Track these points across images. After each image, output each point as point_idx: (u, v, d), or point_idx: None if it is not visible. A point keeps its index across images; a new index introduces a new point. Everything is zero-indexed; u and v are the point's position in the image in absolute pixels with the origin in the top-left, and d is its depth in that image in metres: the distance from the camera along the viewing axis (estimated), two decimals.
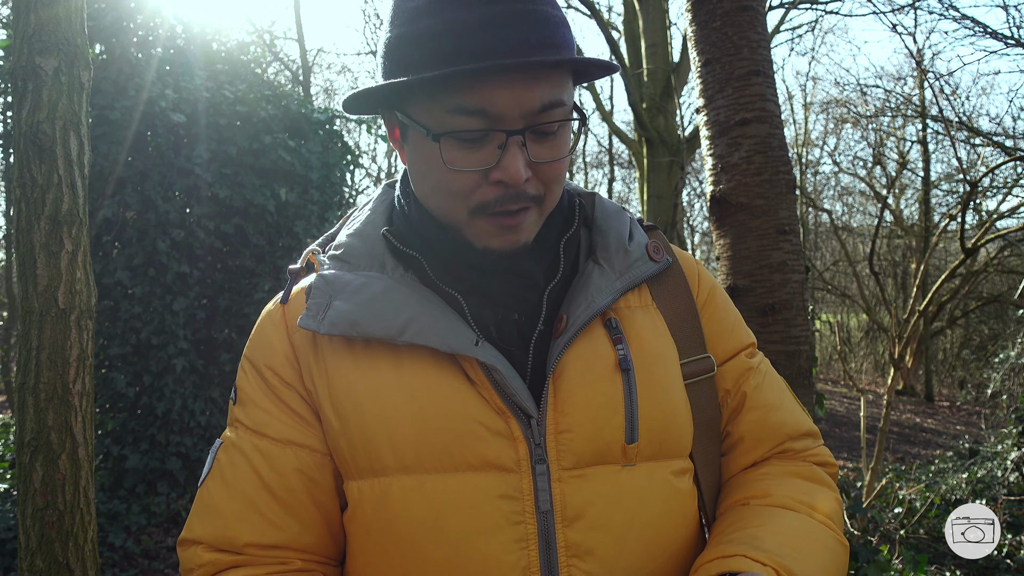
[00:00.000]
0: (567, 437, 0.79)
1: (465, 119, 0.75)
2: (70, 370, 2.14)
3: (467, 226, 0.80)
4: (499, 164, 0.76)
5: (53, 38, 2.13)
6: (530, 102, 0.74)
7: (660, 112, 8.01)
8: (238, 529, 0.81)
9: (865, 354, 15.35)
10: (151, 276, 4.46)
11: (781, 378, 1.00)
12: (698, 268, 0.97)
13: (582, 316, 0.81)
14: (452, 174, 0.77)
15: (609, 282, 0.85)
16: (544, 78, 0.75)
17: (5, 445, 5.50)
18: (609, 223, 0.91)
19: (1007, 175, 8.73)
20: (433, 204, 0.83)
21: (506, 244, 0.80)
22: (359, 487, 0.81)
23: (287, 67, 13.77)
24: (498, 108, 0.74)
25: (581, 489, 0.78)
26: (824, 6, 10.61)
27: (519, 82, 0.74)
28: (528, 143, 0.76)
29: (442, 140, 0.76)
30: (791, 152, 10.05)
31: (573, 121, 0.80)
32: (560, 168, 0.80)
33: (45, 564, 2.09)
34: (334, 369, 0.82)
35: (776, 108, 2.05)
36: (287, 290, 0.89)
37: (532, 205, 0.80)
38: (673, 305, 0.91)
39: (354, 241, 0.88)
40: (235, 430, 0.86)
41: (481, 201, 0.78)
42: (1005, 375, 6.17)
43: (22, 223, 2.13)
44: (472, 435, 0.78)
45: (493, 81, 0.73)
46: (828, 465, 0.95)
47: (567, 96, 0.78)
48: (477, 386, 0.79)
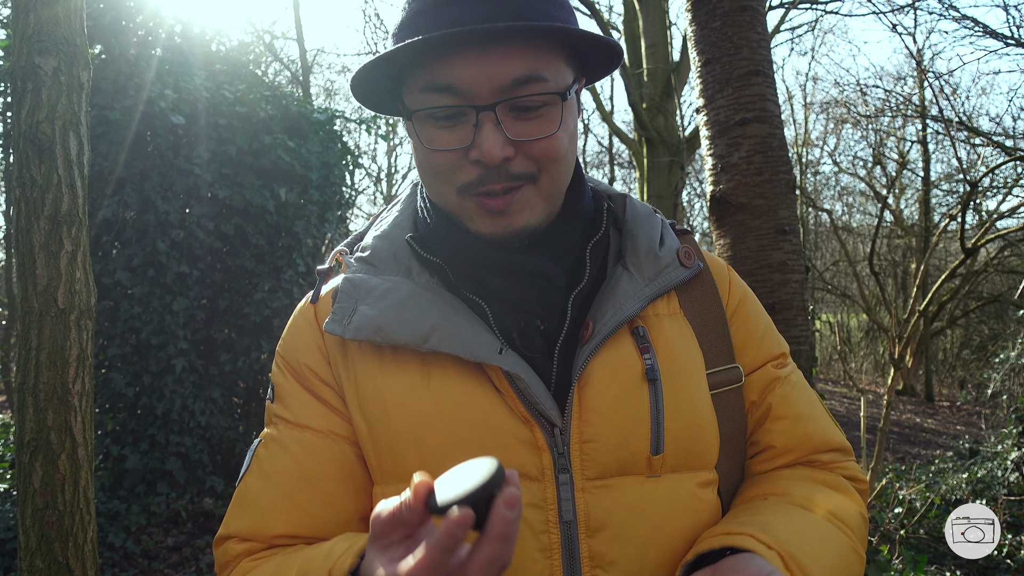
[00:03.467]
0: (591, 447, 0.78)
1: (436, 96, 0.75)
2: (70, 370, 2.14)
3: (458, 208, 0.80)
4: (474, 142, 0.75)
5: (52, 38, 2.13)
6: (500, 76, 0.73)
7: (660, 112, 8.01)
8: (272, 519, 0.80)
9: (865, 354, 15.34)
10: (151, 276, 4.46)
11: (813, 391, 0.97)
12: (730, 275, 0.94)
13: (609, 324, 0.80)
14: (433, 154, 0.77)
15: (638, 288, 0.82)
16: (517, 52, 0.73)
17: (5, 445, 5.50)
18: (639, 227, 0.88)
19: (1007, 175, 8.73)
20: (429, 190, 0.82)
21: (497, 228, 0.79)
22: (383, 492, 0.81)
23: (287, 67, 13.77)
24: (466, 83, 0.73)
25: (604, 499, 0.77)
26: (824, 6, 10.62)
27: (487, 55, 0.72)
28: (506, 120, 0.75)
29: (415, 118, 0.77)
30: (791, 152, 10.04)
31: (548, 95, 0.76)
32: (552, 146, 0.77)
33: (45, 564, 2.09)
34: (362, 373, 0.82)
35: (776, 108, 2.05)
36: (316, 290, 0.89)
37: (524, 184, 0.77)
38: (702, 314, 0.89)
39: (380, 244, 0.87)
40: (275, 426, 0.85)
41: (464, 181, 0.77)
42: (1005, 375, 6.17)
43: (22, 223, 2.13)
44: (498, 443, 0.77)
45: (459, 54, 0.72)
46: (857, 480, 0.92)
47: (550, 72, 0.75)
48: (503, 394, 0.78)
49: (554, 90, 0.76)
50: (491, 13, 0.73)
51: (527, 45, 0.74)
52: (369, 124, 6.03)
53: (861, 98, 12.37)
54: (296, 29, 11.62)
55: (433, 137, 0.77)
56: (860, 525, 0.86)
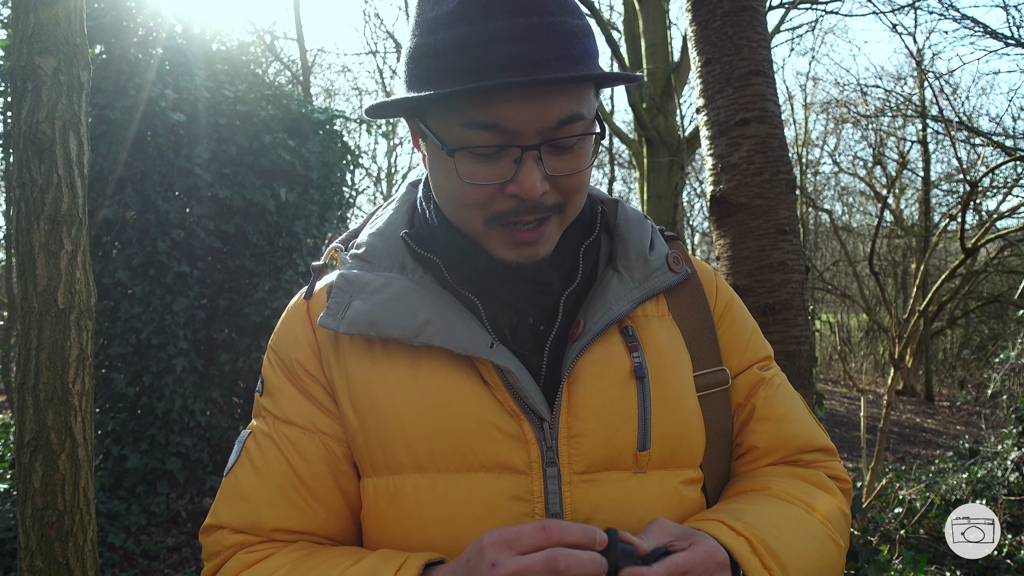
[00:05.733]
0: (579, 441, 0.79)
1: (479, 134, 0.74)
2: (70, 370, 2.14)
3: (483, 236, 0.81)
4: (515, 178, 0.75)
5: (52, 38, 2.13)
6: (547, 118, 0.74)
7: (660, 112, 8.01)
8: (267, 515, 0.82)
9: (865, 354, 15.34)
10: (151, 276, 4.46)
11: (797, 393, 0.99)
12: (716, 280, 0.97)
13: (599, 322, 0.82)
14: (467, 187, 0.77)
15: (628, 290, 0.85)
16: (562, 93, 0.74)
17: (5, 445, 5.50)
18: (631, 231, 0.90)
19: (1007, 175, 8.73)
20: (450, 213, 0.83)
21: (523, 258, 0.81)
22: (374, 484, 0.82)
23: (287, 67, 13.77)
24: (513, 124, 0.73)
25: (591, 493, 0.79)
26: (824, 6, 10.62)
27: (535, 97, 0.73)
28: (545, 156, 0.76)
29: (457, 155, 0.76)
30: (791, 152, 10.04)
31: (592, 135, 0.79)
32: (580, 180, 0.79)
33: (45, 564, 2.09)
34: (353, 367, 0.83)
35: (776, 108, 2.05)
36: (311, 286, 0.91)
37: (551, 215, 0.79)
38: (690, 317, 0.91)
39: (375, 241, 0.89)
40: (263, 419, 0.87)
41: (496, 211, 0.78)
42: (1005, 375, 6.17)
43: (22, 223, 2.13)
44: (485, 436, 0.78)
45: (508, 97, 0.72)
46: (840, 480, 0.94)
47: (587, 109, 0.77)
48: (491, 388, 0.80)
49: (591, 129, 0.78)
50: (539, 54, 0.72)
51: (574, 86, 0.75)
52: (369, 124, 6.03)
53: (861, 98, 12.38)
54: (296, 29, 11.63)
55: (472, 172, 0.76)
56: (840, 519, 0.88)
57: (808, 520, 0.83)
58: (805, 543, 0.79)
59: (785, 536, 0.77)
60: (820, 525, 0.83)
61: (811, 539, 0.81)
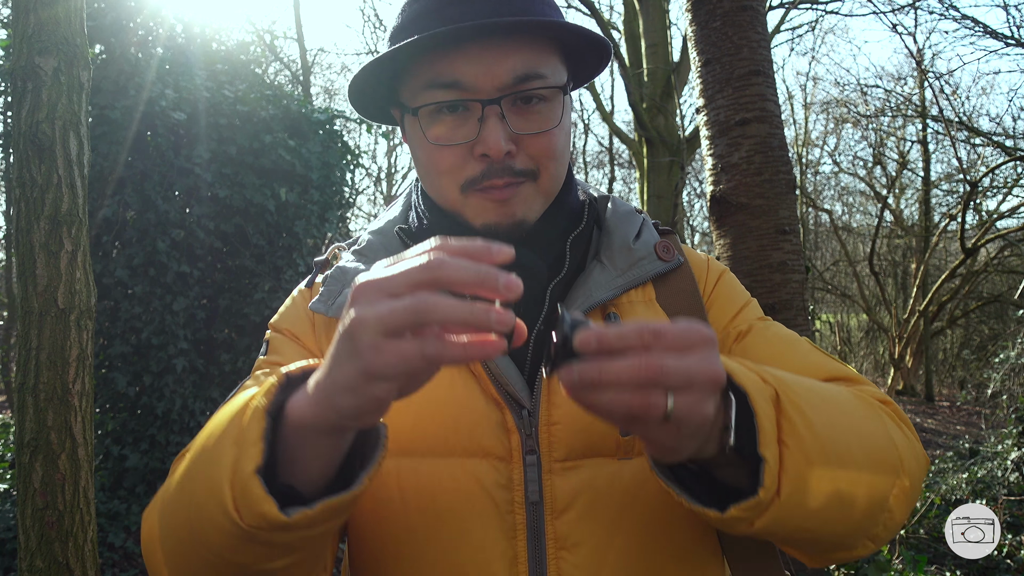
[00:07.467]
0: (559, 429, 0.79)
1: (440, 92, 0.78)
2: (70, 370, 2.14)
3: (462, 206, 0.83)
4: (479, 136, 0.78)
5: (53, 38, 2.13)
6: (503, 73, 0.77)
7: (660, 112, 8.01)
8: None
9: (865, 354, 15.34)
10: (151, 276, 4.46)
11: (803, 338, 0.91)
12: (708, 263, 0.95)
13: (579, 308, 0.83)
14: (438, 151, 0.80)
15: (610, 279, 0.86)
16: (516, 49, 0.77)
17: (5, 445, 5.50)
18: (617, 224, 0.91)
19: (1007, 175, 8.73)
20: (431, 188, 0.85)
21: (503, 217, 0.82)
22: None
23: (287, 67, 13.78)
24: (470, 79, 0.76)
25: (571, 480, 0.79)
26: (824, 6, 10.62)
27: (489, 51, 0.76)
28: (509, 115, 0.78)
29: (420, 113, 0.79)
30: (791, 152, 10.05)
31: (549, 90, 0.80)
32: (548, 143, 0.81)
33: (45, 564, 2.09)
34: None
35: (776, 108, 2.05)
36: (312, 276, 0.94)
37: (524, 180, 0.81)
38: (678, 303, 0.90)
39: (374, 238, 0.93)
40: (263, 371, 0.85)
41: (469, 176, 0.80)
42: (1005, 375, 6.17)
43: (22, 223, 2.13)
44: (468, 422, 0.79)
45: (465, 50, 0.76)
46: (886, 403, 0.82)
47: (548, 70, 0.79)
48: (476, 376, 0.81)
49: (553, 84, 0.80)
50: (494, 12, 0.77)
51: (527, 44, 0.78)
52: (369, 124, 6.03)
53: (861, 98, 12.39)
54: (296, 29, 11.63)
55: (438, 134, 0.79)
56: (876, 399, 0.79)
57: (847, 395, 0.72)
58: (814, 384, 0.70)
59: (813, 395, 0.67)
60: (855, 397, 0.73)
61: (821, 385, 0.71)
